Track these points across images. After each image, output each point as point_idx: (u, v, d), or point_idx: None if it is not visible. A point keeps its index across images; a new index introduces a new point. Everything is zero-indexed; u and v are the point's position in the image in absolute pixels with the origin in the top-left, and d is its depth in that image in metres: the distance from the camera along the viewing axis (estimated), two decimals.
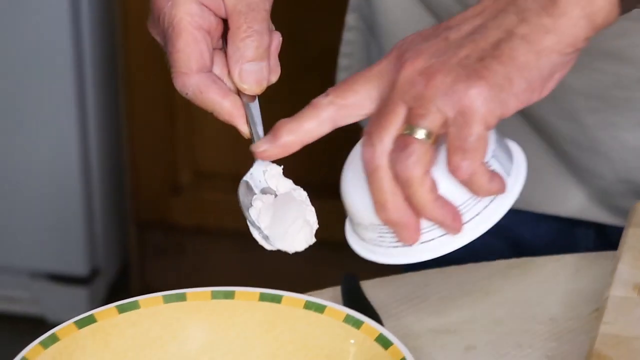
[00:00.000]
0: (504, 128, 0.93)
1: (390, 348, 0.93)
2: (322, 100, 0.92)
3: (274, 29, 1.02)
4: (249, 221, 0.98)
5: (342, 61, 1.36)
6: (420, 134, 0.88)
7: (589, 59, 1.05)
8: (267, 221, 0.96)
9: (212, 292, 1.00)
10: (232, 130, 1.01)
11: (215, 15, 1.01)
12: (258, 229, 0.97)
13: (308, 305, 0.98)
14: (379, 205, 0.91)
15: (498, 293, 1.10)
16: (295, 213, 0.97)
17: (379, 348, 0.94)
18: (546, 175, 1.24)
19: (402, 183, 0.89)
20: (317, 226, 0.95)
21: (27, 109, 2.50)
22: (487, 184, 0.88)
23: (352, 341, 0.96)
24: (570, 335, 1.04)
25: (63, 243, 2.51)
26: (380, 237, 0.94)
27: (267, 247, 0.97)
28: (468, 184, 0.87)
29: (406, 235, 0.91)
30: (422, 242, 0.94)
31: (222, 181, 2.44)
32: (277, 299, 0.99)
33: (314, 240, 0.96)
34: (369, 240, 0.96)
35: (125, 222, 2.57)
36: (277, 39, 1.01)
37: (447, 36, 0.89)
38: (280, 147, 0.94)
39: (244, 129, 0.98)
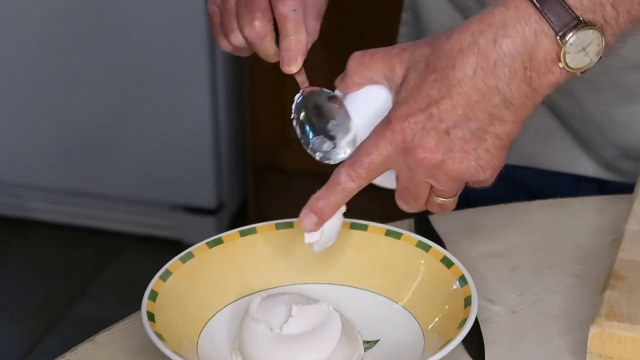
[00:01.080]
0: None
1: (452, 267, 0.98)
2: (349, 184, 0.91)
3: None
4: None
5: None
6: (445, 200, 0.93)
7: None
8: None
9: None
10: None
11: None
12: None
13: (388, 233, 1.02)
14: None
15: (535, 226, 1.12)
16: None
17: (443, 267, 0.98)
18: (556, 142, 1.25)
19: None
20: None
21: (174, 83, 2.49)
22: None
23: (422, 261, 1.00)
24: (593, 259, 1.06)
25: (197, 183, 2.55)
26: None
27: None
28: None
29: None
30: None
31: None
32: (364, 228, 1.03)
33: None
34: None
35: (245, 167, 2.59)
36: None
37: (447, 131, 0.88)
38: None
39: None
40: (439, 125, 0.87)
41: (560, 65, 0.86)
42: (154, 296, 0.94)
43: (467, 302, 0.93)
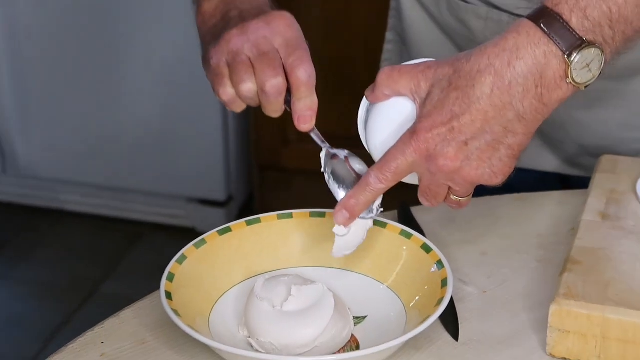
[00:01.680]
0: None
1: (431, 253, 0.98)
2: (378, 185, 0.92)
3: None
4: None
5: (383, 64, 1.36)
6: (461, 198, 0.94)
7: None
8: None
9: (310, 212, 1.05)
10: (326, 99, 0.99)
11: None
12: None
13: (375, 223, 1.01)
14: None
15: (503, 217, 1.13)
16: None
17: (422, 253, 0.99)
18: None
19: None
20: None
21: (190, 95, 2.49)
22: None
23: (404, 248, 1.01)
24: (554, 246, 1.07)
25: (209, 179, 2.55)
26: None
27: None
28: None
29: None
30: None
31: None
32: None
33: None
34: None
35: (251, 165, 2.58)
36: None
37: (466, 142, 0.89)
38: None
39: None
40: (459, 137, 0.88)
41: (568, 81, 0.87)
42: (171, 277, 0.94)
43: (444, 283, 0.93)
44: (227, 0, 1.01)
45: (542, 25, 0.86)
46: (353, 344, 0.93)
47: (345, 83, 2.40)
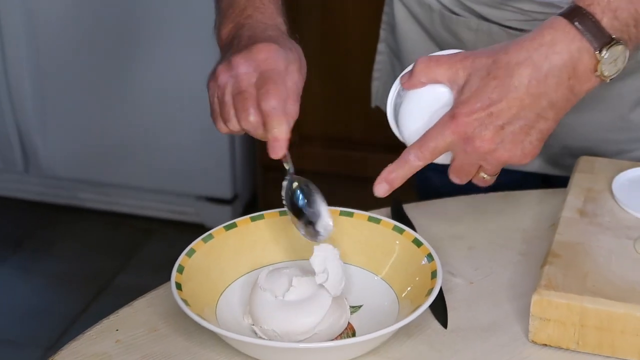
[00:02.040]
0: None
1: (421, 247, 0.98)
2: (416, 162, 0.94)
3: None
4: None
5: (375, 74, 1.36)
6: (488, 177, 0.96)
7: None
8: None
9: None
10: (322, 109, 0.99)
11: None
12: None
13: (370, 219, 1.03)
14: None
15: (489, 213, 1.12)
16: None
17: (414, 247, 0.99)
18: None
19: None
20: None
21: (198, 101, 2.47)
22: None
23: (397, 242, 1.01)
24: (535, 240, 1.07)
25: (216, 178, 2.54)
26: None
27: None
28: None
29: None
30: None
31: (316, 140, 2.44)
32: (350, 215, 1.04)
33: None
34: None
35: (255, 166, 2.57)
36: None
37: (502, 127, 0.91)
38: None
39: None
40: (496, 121, 0.90)
41: (597, 74, 0.90)
42: (181, 269, 0.94)
43: (434, 275, 0.93)
44: (239, 24, 1.00)
45: (576, 23, 0.89)
46: (349, 331, 0.93)
47: (343, 91, 2.40)
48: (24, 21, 2.47)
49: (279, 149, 0.95)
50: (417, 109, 0.95)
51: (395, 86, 0.97)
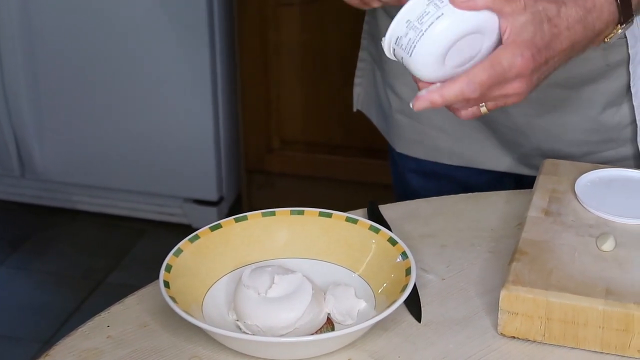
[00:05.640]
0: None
1: (396, 245, 0.97)
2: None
3: None
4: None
5: (357, 80, 1.35)
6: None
7: None
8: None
9: (291, 210, 1.04)
10: (303, 115, 0.98)
11: None
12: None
13: (348, 219, 1.02)
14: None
15: (460, 213, 1.12)
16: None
17: (389, 245, 0.99)
18: (486, 144, 1.23)
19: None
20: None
21: (184, 109, 2.48)
22: None
23: (373, 241, 1.00)
24: (503, 239, 1.06)
25: (202, 181, 2.53)
26: None
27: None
28: None
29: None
30: None
31: (297, 145, 2.44)
32: (329, 215, 1.03)
33: None
34: None
35: (239, 169, 2.57)
36: None
37: (547, 61, 0.91)
38: None
39: None
40: (546, 71, 0.90)
41: (605, 40, 0.95)
42: (168, 268, 0.93)
43: (408, 272, 0.93)
44: None
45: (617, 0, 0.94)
46: (329, 326, 0.93)
47: (323, 97, 2.40)
48: (21, 27, 2.45)
49: None
50: (460, 29, 0.85)
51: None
